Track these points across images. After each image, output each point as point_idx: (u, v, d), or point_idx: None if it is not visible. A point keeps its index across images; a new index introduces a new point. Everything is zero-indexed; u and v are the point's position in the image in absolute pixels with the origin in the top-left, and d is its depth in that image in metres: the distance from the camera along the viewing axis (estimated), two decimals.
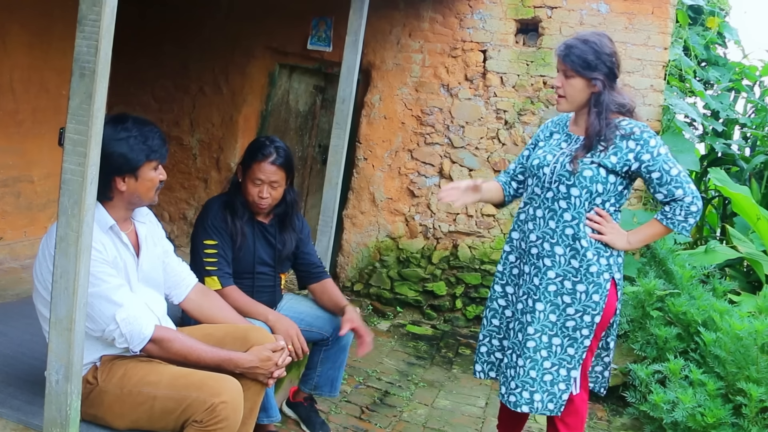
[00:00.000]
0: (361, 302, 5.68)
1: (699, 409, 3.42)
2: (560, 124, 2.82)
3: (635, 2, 5.22)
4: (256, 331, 2.52)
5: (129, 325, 2.18)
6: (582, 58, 2.56)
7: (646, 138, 2.55)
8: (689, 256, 4.79)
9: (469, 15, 5.58)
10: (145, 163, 2.27)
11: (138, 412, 2.19)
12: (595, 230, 2.62)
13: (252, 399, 2.44)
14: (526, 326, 2.65)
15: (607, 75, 2.58)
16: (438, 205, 5.68)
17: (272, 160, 2.98)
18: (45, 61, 5.02)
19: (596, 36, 2.62)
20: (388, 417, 3.78)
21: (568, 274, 2.61)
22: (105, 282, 2.17)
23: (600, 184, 2.57)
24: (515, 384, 2.66)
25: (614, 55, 2.60)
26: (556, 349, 2.63)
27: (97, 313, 2.15)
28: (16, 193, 5.06)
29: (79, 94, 1.90)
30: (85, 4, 1.86)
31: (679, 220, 2.57)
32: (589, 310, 2.60)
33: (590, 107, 2.61)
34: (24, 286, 4.57)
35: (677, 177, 2.54)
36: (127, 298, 2.21)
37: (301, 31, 6.01)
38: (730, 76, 6.59)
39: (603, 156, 2.56)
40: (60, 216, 1.95)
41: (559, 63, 2.63)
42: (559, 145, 2.72)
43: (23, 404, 2.31)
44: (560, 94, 2.65)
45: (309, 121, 6.36)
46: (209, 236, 2.95)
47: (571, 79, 2.60)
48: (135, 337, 2.20)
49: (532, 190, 2.72)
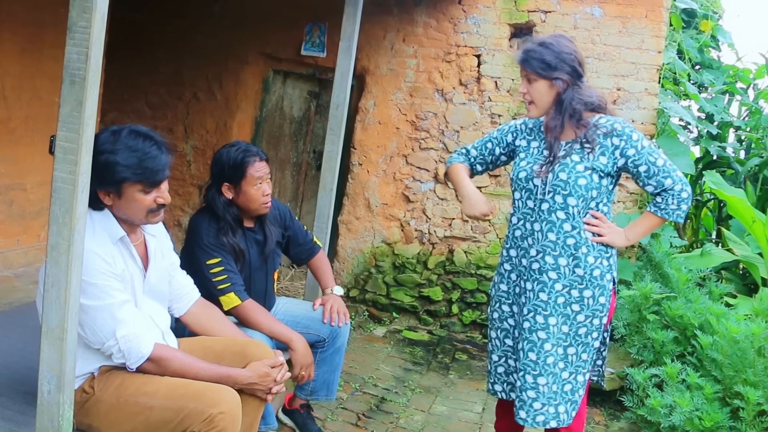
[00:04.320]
0: (357, 308, 5.66)
1: (696, 413, 3.41)
2: (534, 130, 2.77)
3: (629, 6, 5.22)
4: (255, 346, 2.50)
5: (128, 342, 2.16)
6: (541, 60, 2.56)
7: (628, 133, 2.55)
8: (685, 259, 4.79)
9: (463, 20, 5.58)
10: (129, 183, 2.16)
11: (134, 422, 2.17)
12: (594, 233, 2.61)
13: (252, 414, 2.43)
14: (542, 343, 2.61)
15: (570, 74, 2.57)
16: (433, 210, 5.67)
17: (259, 158, 3.02)
18: (37, 68, 5.01)
19: (553, 37, 2.64)
20: (384, 424, 3.76)
21: (574, 283, 2.59)
22: (111, 297, 2.14)
23: (594, 189, 2.58)
24: (540, 404, 2.62)
25: (574, 53, 2.59)
26: (572, 357, 2.63)
27: (99, 326, 2.13)
28: (8, 201, 5.04)
29: (69, 101, 1.88)
30: (76, 11, 1.85)
31: (672, 209, 2.59)
32: (597, 313, 2.61)
33: (554, 108, 2.60)
34: (17, 294, 4.55)
35: (664, 167, 2.55)
36: (130, 315, 2.19)
37: (295, 36, 6.00)
38: (724, 79, 6.60)
39: (592, 159, 2.55)
40: (51, 225, 1.94)
41: (521, 69, 2.63)
42: (542, 153, 2.68)
43: (15, 414, 2.29)
44: (529, 101, 2.64)
45: (303, 126, 6.35)
46: (210, 255, 2.92)
47: (534, 82, 2.59)
48: (133, 355, 2.18)
49: (524, 204, 2.68)
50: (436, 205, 5.67)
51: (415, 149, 5.73)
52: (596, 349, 2.69)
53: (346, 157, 5.58)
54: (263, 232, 3.16)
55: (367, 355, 4.80)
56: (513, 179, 2.72)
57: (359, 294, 5.77)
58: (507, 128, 2.86)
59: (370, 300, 5.73)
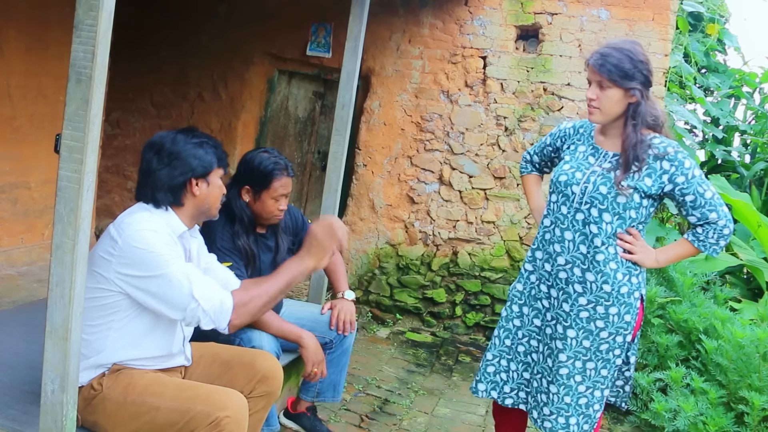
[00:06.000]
0: (361, 309, 5.65)
1: (701, 418, 3.40)
2: (584, 134, 2.67)
3: (636, 9, 5.21)
4: (264, 358, 2.51)
5: (209, 301, 2.10)
6: (619, 67, 2.42)
7: (680, 159, 2.43)
8: (690, 263, 4.77)
9: (469, 21, 5.57)
10: (216, 168, 2.32)
11: (139, 422, 2.16)
12: (625, 249, 2.53)
13: (256, 417, 2.43)
14: (557, 353, 2.58)
15: (644, 84, 2.45)
16: (438, 212, 5.66)
17: (288, 174, 3.01)
18: (42, 66, 5.01)
19: (629, 43, 2.49)
20: (387, 425, 3.75)
21: (600, 299, 2.52)
22: (175, 262, 2.11)
23: (633, 210, 2.48)
24: (549, 410, 2.60)
25: (648, 62, 2.48)
26: (591, 372, 2.57)
27: (175, 293, 2.09)
28: (13, 199, 5.03)
29: (75, 99, 1.87)
30: (82, 9, 1.84)
31: (710, 243, 2.50)
32: (621, 330, 2.54)
33: (627, 119, 2.48)
34: (20, 293, 4.55)
35: (711, 200, 2.44)
36: (198, 275, 2.16)
37: (301, 37, 6.00)
38: (730, 83, 6.60)
39: (637, 179, 2.45)
40: (56, 224, 1.93)
41: (592, 73, 2.48)
42: (587, 159, 2.59)
43: (18, 414, 2.28)
44: (594, 106, 2.50)
45: (308, 127, 6.34)
46: (222, 259, 2.91)
47: (608, 90, 2.45)
48: (219, 312, 2.12)
49: (558, 209, 2.59)
50: (441, 207, 5.66)
51: (420, 151, 5.72)
52: (617, 367, 2.63)
53: (351, 158, 5.57)
54: (275, 240, 3.16)
55: (370, 356, 4.78)
56: (552, 181, 2.63)
57: (363, 295, 5.76)
58: (558, 133, 2.79)
59: (374, 301, 5.73)
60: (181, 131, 2.30)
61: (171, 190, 2.23)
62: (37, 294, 4.45)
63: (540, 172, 2.97)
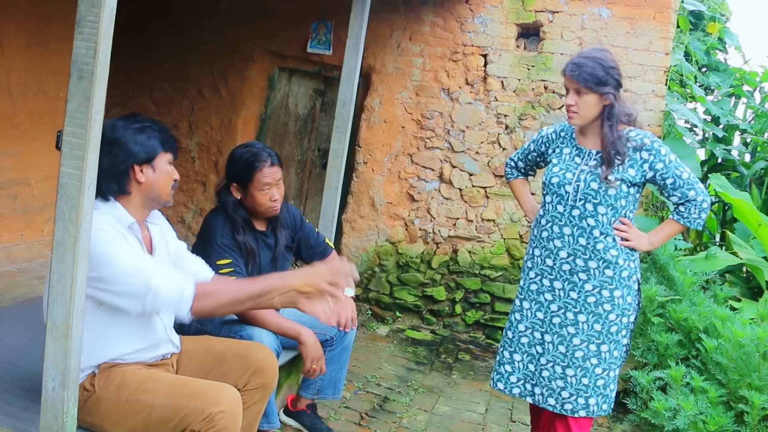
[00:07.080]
0: (360, 307, 5.65)
1: (701, 417, 3.40)
2: (566, 137, 2.92)
3: (637, 7, 5.20)
4: (258, 349, 2.51)
5: (167, 288, 2.06)
6: (593, 75, 2.68)
7: (657, 148, 2.72)
8: (690, 262, 4.78)
9: (470, 19, 5.56)
10: (161, 153, 2.27)
11: (135, 420, 2.15)
12: (621, 237, 2.77)
13: (252, 413, 2.42)
14: (570, 338, 2.79)
15: (615, 87, 2.72)
16: (438, 210, 5.66)
17: (270, 163, 2.99)
18: (42, 63, 5.00)
19: (599, 51, 2.76)
20: (387, 423, 3.75)
21: (604, 283, 2.75)
22: (129, 255, 2.08)
23: (623, 199, 2.75)
24: (569, 393, 2.80)
25: (618, 67, 2.75)
26: (605, 354, 2.78)
27: (131, 286, 2.05)
28: (12, 196, 5.03)
29: (77, 96, 1.87)
30: (84, 6, 1.83)
31: (694, 218, 2.78)
32: (625, 312, 2.79)
33: (603, 120, 2.74)
34: (20, 289, 4.55)
35: (688, 180, 2.73)
36: (155, 266, 2.12)
37: (301, 34, 5.99)
38: (730, 82, 6.59)
39: (622, 171, 2.72)
40: (57, 221, 1.92)
41: (569, 82, 2.73)
42: (573, 159, 2.83)
43: (19, 411, 2.28)
44: (573, 111, 2.75)
45: (308, 124, 6.33)
46: (221, 256, 2.91)
47: (584, 96, 2.70)
48: (179, 300, 2.08)
49: (554, 208, 2.83)
50: (441, 205, 5.66)
51: (421, 148, 5.71)
52: (624, 347, 2.85)
53: (351, 155, 5.57)
54: (275, 237, 3.15)
55: (370, 354, 4.79)
56: (545, 183, 2.87)
57: (362, 293, 5.76)
58: (540, 139, 3.03)
59: (374, 299, 5.72)
60: (122, 117, 2.24)
61: (114, 179, 2.18)
62: (36, 291, 4.45)
63: (525, 176, 3.23)
